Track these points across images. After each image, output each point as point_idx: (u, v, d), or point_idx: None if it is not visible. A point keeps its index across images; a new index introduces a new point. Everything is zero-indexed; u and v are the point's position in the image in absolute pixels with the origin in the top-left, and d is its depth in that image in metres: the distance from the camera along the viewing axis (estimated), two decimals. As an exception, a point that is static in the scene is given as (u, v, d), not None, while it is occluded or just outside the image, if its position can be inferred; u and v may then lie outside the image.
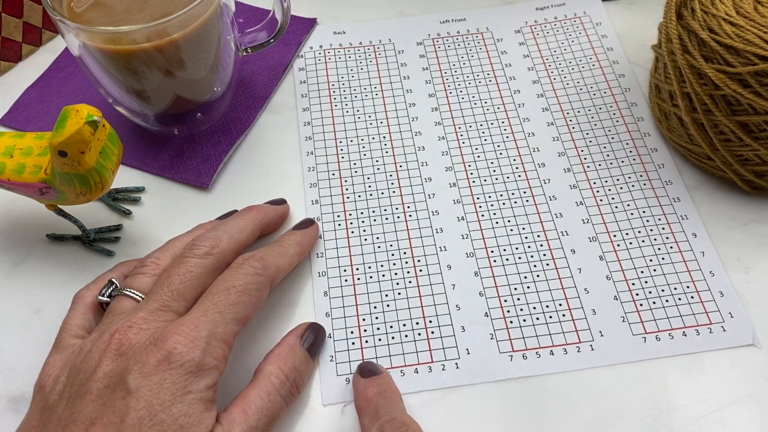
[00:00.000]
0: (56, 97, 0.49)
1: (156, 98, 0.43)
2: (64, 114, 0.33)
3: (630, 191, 0.43)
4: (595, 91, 0.49)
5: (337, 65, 0.51)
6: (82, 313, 0.34)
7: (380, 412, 0.32)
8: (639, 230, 0.41)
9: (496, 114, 0.48)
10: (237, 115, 0.48)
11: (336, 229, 0.42)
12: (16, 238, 0.42)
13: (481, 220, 0.42)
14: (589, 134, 0.46)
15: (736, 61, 0.36)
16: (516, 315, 0.38)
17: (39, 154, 0.37)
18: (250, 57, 0.51)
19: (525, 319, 0.38)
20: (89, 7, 0.40)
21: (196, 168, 0.45)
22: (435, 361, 0.37)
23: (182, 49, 0.39)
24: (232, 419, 0.30)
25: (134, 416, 0.28)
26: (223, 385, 0.31)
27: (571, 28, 0.53)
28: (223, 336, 0.31)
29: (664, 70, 0.42)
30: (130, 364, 0.29)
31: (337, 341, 0.37)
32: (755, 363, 0.36)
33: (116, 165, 0.37)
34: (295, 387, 0.33)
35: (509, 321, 0.38)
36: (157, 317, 0.31)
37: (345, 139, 0.47)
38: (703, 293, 0.38)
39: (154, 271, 0.35)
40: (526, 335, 0.37)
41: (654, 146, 0.45)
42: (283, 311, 0.39)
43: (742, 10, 0.37)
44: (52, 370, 0.31)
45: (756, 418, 0.34)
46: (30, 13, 0.52)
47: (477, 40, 0.52)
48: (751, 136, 0.38)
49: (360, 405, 0.33)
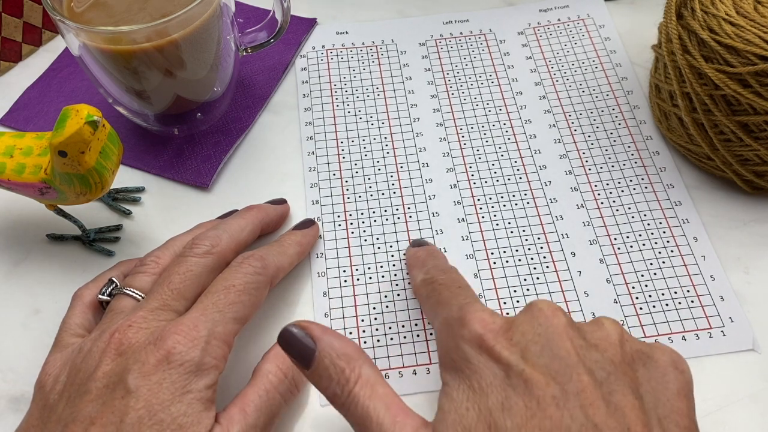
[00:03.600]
0: (56, 97, 0.49)
1: (156, 98, 0.43)
2: (64, 114, 0.33)
3: (631, 194, 0.43)
4: (597, 93, 0.48)
5: (339, 65, 0.51)
6: (82, 312, 0.35)
7: (427, 263, 0.36)
8: (640, 233, 0.41)
9: (498, 116, 0.48)
10: (237, 115, 0.48)
11: (336, 229, 0.42)
12: (16, 238, 0.42)
13: (481, 222, 0.42)
14: (591, 137, 0.46)
15: (736, 61, 0.36)
16: (516, 316, 0.38)
17: (39, 154, 0.37)
18: (250, 57, 0.51)
19: (525, 321, 0.38)
20: (89, 7, 0.40)
21: (196, 168, 0.45)
22: (433, 362, 0.36)
23: (182, 49, 0.39)
24: (230, 418, 0.30)
25: (133, 416, 0.28)
26: (223, 385, 0.31)
27: (575, 30, 0.52)
28: (222, 335, 0.31)
29: (664, 70, 0.42)
30: (130, 363, 0.29)
31: (336, 342, 0.37)
32: (755, 364, 0.36)
33: (116, 165, 0.37)
34: (293, 385, 0.33)
35: (509, 322, 0.38)
36: (157, 316, 0.31)
37: (346, 139, 0.47)
38: (704, 297, 0.38)
39: (154, 270, 0.35)
40: (525, 337, 0.37)
41: (656, 149, 0.45)
42: (283, 311, 0.39)
43: (742, 10, 0.37)
44: (52, 370, 0.31)
45: (756, 418, 0.34)
46: (30, 13, 0.52)
47: (480, 42, 0.52)
48: (751, 136, 0.38)
49: (411, 263, 0.38)
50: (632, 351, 0.27)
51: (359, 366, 0.28)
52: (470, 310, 0.28)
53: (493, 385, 0.26)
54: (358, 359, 0.28)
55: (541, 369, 0.26)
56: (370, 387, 0.28)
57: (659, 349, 0.28)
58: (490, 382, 0.26)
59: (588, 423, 0.24)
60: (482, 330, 0.27)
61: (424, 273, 0.34)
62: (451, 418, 0.26)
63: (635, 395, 0.26)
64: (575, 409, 0.24)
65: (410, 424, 0.27)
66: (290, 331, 0.29)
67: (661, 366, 0.27)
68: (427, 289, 0.33)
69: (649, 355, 0.28)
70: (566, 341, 0.26)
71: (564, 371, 0.25)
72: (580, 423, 0.24)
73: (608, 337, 0.27)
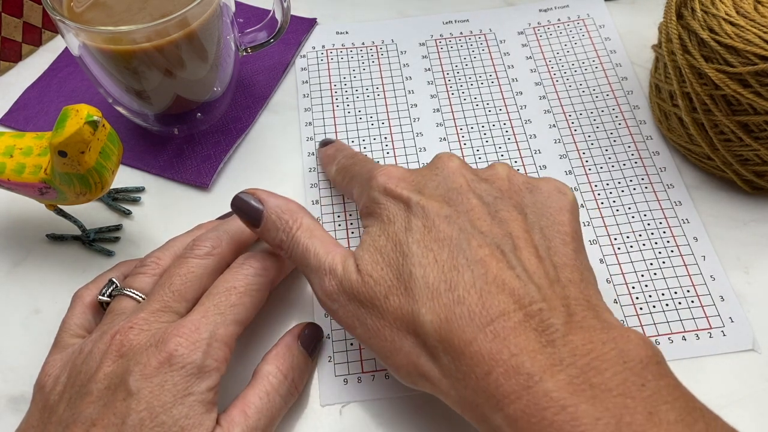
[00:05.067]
0: (56, 97, 0.49)
1: (156, 98, 0.43)
2: (64, 114, 0.33)
3: (631, 194, 0.43)
4: (597, 93, 0.48)
5: (339, 65, 0.51)
6: (82, 312, 0.34)
7: (337, 156, 0.41)
8: (640, 233, 0.41)
9: (498, 116, 0.48)
10: (237, 115, 0.48)
11: (336, 229, 0.42)
12: (16, 238, 0.42)
13: (481, 222, 0.42)
14: (591, 137, 0.46)
15: (736, 61, 0.36)
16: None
17: (39, 154, 0.37)
18: (250, 57, 0.51)
19: (525, 321, 0.38)
20: (89, 7, 0.40)
21: (196, 168, 0.45)
22: (435, 362, 0.36)
23: (182, 49, 0.39)
24: (231, 420, 0.30)
25: (135, 418, 0.28)
26: (223, 386, 0.31)
27: (575, 30, 0.52)
28: (224, 337, 0.31)
29: (664, 70, 0.42)
30: (131, 365, 0.29)
31: (335, 342, 0.37)
32: (755, 364, 0.36)
33: (116, 165, 0.37)
34: (293, 386, 0.33)
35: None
36: (158, 318, 0.31)
37: (346, 139, 0.47)
38: (704, 297, 0.38)
39: (154, 271, 0.35)
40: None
41: (656, 149, 0.45)
42: (283, 311, 0.39)
43: (742, 10, 0.37)
44: (52, 370, 0.31)
45: (756, 418, 0.34)
46: (30, 13, 0.52)
47: (480, 42, 0.52)
48: (751, 136, 0.38)
49: (324, 161, 0.43)
50: (519, 183, 0.33)
51: (300, 217, 0.34)
52: (377, 168, 0.34)
53: (398, 215, 0.31)
54: (299, 212, 0.34)
55: (435, 198, 0.31)
56: (310, 231, 0.33)
57: (544, 180, 0.33)
58: (395, 214, 0.31)
59: (474, 231, 0.30)
60: (386, 179, 0.33)
61: (336, 164, 0.40)
62: (366, 243, 0.31)
63: (519, 211, 0.31)
64: (464, 222, 0.30)
65: (339, 251, 0.32)
66: (240, 197, 0.35)
67: (544, 191, 0.32)
68: (341, 174, 0.39)
69: (534, 185, 0.33)
70: (459, 177, 0.32)
71: (456, 197, 0.31)
72: (468, 232, 0.30)
73: (497, 173, 0.33)
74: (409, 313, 0.29)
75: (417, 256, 0.29)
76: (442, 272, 0.29)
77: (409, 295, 0.29)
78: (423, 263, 0.29)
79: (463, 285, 0.28)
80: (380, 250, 0.31)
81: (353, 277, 0.31)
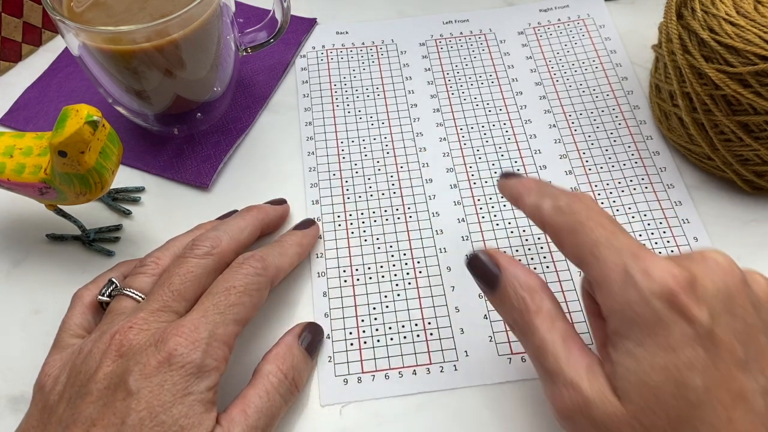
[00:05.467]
0: (56, 97, 0.49)
1: (156, 98, 0.43)
2: (64, 114, 0.33)
3: (631, 194, 0.43)
4: (597, 93, 0.48)
5: (339, 65, 0.51)
6: (81, 312, 0.34)
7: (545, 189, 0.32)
8: (640, 234, 0.41)
9: (498, 116, 0.48)
10: (237, 115, 0.48)
11: (336, 229, 0.42)
12: (16, 238, 0.42)
13: (481, 222, 0.42)
14: (591, 137, 0.46)
15: (737, 61, 0.36)
16: (516, 316, 0.38)
17: (39, 154, 0.37)
18: (250, 57, 0.51)
19: (525, 321, 0.38)
20: (89, 7, 0.40)
21: (196, 168, 0.45)
22: (433, 362, 0.36)
23: (182, 49, 0.39)
24: (231, 419, 0.30)
25: (135, 417, 0.28)
26: (223, 385, 0.31)
27: (575, 30, 0.52)
28: (223, 337, 0.31)
29: (665, 70, 0.42)
30: (131, 365, 0.29)
31: (335, 342, 0.37)
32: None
33: (116, 165, 0.37)
34: (293, 386, 0.33)
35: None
36: (158, 318, 0.31)
37: (346, 139, 0.47)
38: (704, 295, 0.38)
39: (154, 270, 0.35)
40: (526, 337, 0.37)
41: (656, 149, 0.45)
42: (283, 311, 0.39)
43: (742, 10, 0.37)
44: (51, 370, 0.31)
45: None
46: (30, 13, 0.52)
47: (480, 42, 0.52)
48: (751, 136, 0.38)
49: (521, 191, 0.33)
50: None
51: (541, 299, 0.29)
52: (649, 258, 0.26)
53: (683, 343, 0.24)
54: (540, 292, 0.29)
55: (726, 329, 0.25)
56: (550, 320, 0.28)
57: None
58: (679, 341, 0.25)
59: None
60: (673, 285, 0.25)
61: (553, 199, 0.30)
62: (635, 376, 0.25)
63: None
64: (757, 372, 0.25)
65: (584, 360, 0.27)
66: (478, 256, 0.31)
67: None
68: (568, 219, 0.29)
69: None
70: (745, 300, 0.26)
71: (746, 332, 0.25)
72: (762, 386, 0.24)
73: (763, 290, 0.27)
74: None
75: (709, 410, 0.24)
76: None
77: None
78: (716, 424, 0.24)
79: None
80: (653, 389, 0.25)
81: (609, 409, 0.25)
